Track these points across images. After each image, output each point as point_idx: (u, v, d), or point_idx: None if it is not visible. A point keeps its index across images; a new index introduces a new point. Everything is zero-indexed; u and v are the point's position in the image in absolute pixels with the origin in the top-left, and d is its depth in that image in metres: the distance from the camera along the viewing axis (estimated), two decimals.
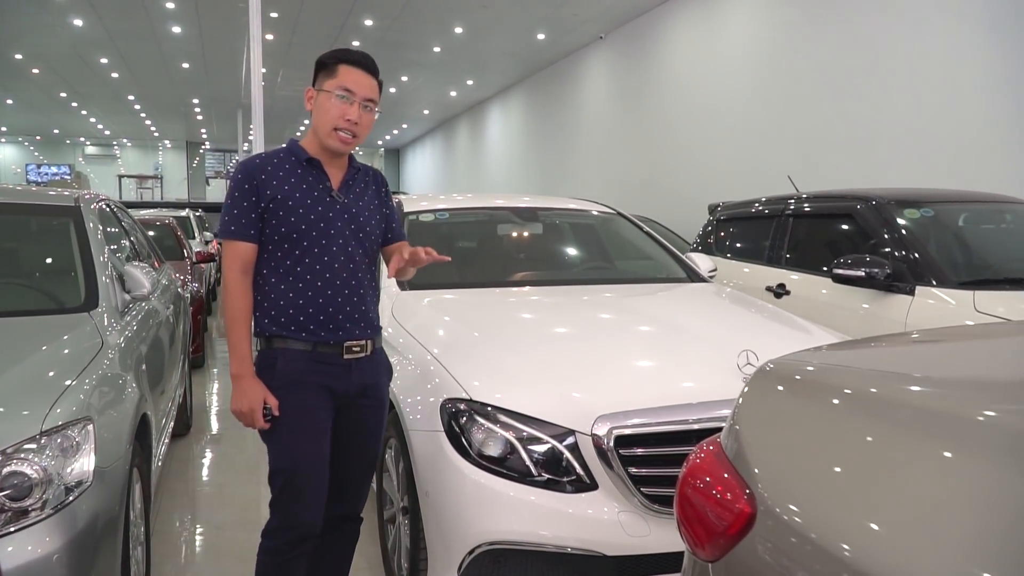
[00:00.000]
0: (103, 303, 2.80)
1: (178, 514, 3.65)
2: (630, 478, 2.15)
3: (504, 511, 2.18)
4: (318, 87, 2.15)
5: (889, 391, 1.04)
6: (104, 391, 2.30)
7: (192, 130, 26.62)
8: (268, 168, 2.11)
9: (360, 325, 2.16)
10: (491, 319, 3.05)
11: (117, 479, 2.14)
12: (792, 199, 5.05)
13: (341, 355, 2.13)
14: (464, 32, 12.91)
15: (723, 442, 1.14)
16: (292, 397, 2.09)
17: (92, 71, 16.44)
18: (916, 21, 6.97)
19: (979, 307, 3.51)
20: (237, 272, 2.09)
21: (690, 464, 1.16)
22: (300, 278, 2.10)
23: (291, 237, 2.09)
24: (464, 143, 22.76)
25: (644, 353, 2.60)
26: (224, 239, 2.11)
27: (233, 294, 2.09)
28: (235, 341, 2.09)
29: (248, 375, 2.08)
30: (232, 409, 2.10)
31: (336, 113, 2.09)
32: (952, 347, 1.26)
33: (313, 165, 2.14)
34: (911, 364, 1.18)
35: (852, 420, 1.01)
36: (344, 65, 2.12)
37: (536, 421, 2.24)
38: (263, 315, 2.13)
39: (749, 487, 1.02)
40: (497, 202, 4.28)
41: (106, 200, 4.01)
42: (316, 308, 2.10)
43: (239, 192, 2.10)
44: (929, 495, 0.84)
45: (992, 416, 0.87)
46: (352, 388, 2.17)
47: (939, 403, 0.96)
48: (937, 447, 0.88)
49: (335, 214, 2.13)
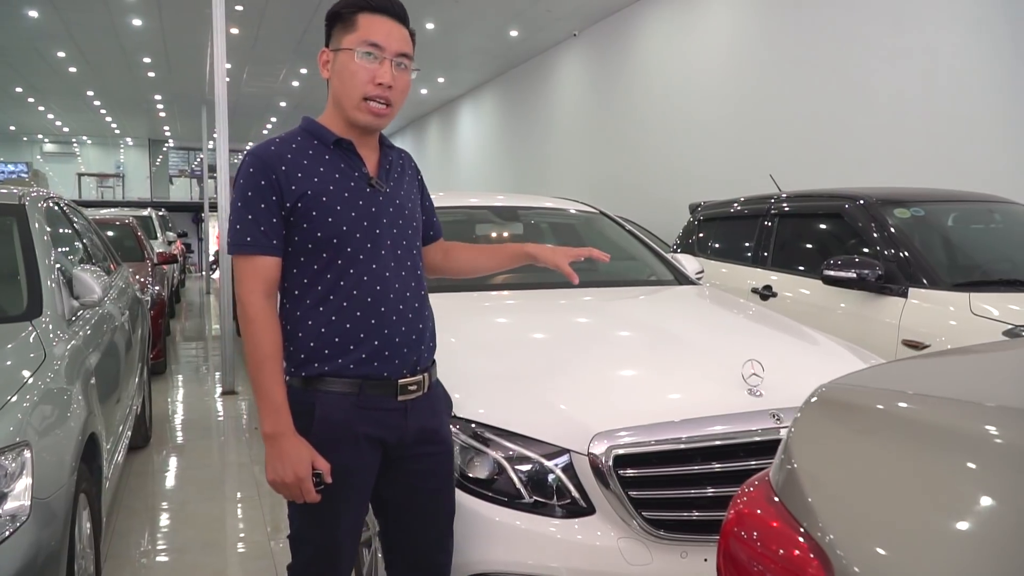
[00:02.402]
0: (48, 311, 2.56)
1: (135, 536, 3.40)
2: (630, 501, 1.97)
3: (492, 539, 1.99)
4: (334, 46, 1.68)
5: (973, 424, 0.87)
6: (45, 410, 2.07)
7: (155, 127, 25.97)
8: (288, 156, 1.64)
9: (419, 349, 1.74)
10: (471, 326, 2.86)
11: (59, 509, 1.91)
12: (777, 198, 4.92)
13: (395, 396, 1.69)
14: (435, 28, 12.66)
15: (774, 482, 0.96)
16: (335, 455, 1.64)
17: (49, 65, 15.89)
18: (894, 18, 6.90)
19: (975, 309, 3.40)
20: (260, 296, 1.62)
21: (735, 511, 0.98)
22: (344, 296, 1.64)
23: (330, 244, 1.64)
24: (435, 142, 22.50)
25: (641, 364, 2.42)
26: (238, 255, 1.63)
27: (258, 326, 1.60)
28: (266, 387, 1.60)
29: (288, 432, 1.60)
30: (269, 480, 1.62)
31: (364, 77, 1.63)
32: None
33: (343, 147, 1.69)
34: (986, 388, 1.01)
35: (938, 459, 0.84)
36: (366, 14, 1.66)
37: (527, 439, 2.05)
38: (298, 350, 1.66)
39: (816, 541, 0.85)
40: (476, 201, 4.09)
41: (56, 199, 3.75)
42: (368, 332, 1.65)
43: (253, 191, 1.62)
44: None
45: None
46: (408, 437, 1.73)
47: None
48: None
49: (379, 208, 1.69)
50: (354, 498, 1.71)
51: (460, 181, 19.72)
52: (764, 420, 2.07)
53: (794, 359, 2.53)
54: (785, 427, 2.05)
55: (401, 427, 1.71)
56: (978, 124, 6.19)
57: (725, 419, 2.06)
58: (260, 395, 1.62)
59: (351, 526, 1.74)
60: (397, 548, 1.86)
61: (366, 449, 1.69)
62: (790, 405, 2.11)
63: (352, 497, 1.70)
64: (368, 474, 1.72)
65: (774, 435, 2.05)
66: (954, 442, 0.86)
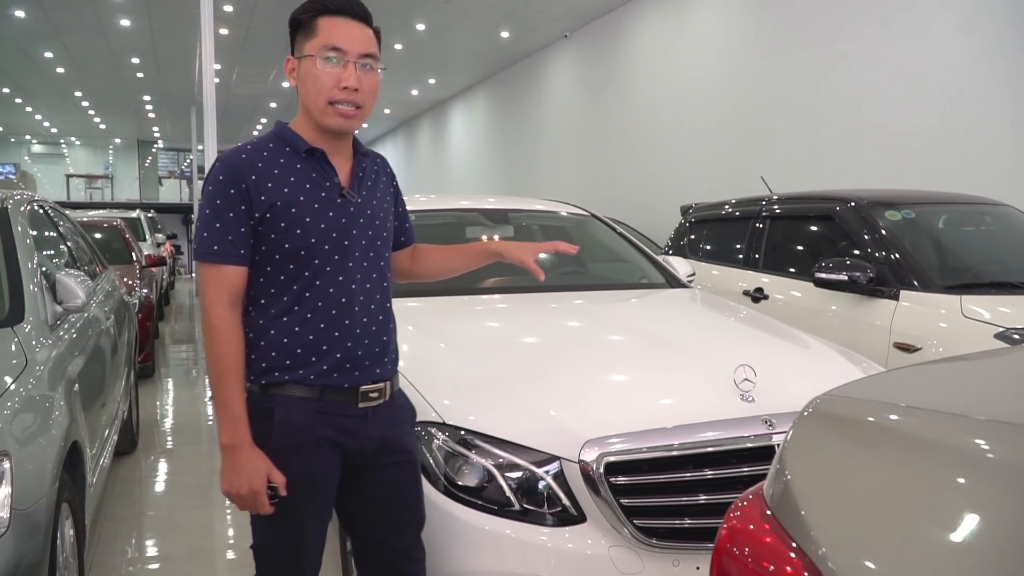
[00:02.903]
0: (30, 316, 2.51)
1: (121, 544, 3.36)
2: (621, 509, 1.95)
3: (482, 548, 1.97)
4: (298, 53, 1.66)
5: (963, 438, 0.86)
6: (26, 418, 2.03)
7: (144, 128, 25.84)
8: (259, 165, 1.62)
9: (382, 361, 1.72)
10: (460, 330, 2.84)
11: (40, 521, 1.87)
12: (768, 200, 4.91)
13: (355, 403, 1.68)
14: (426, 29, 12.63)
15: (768, 495, 0.94)
16: (295, 460, 1.63)
17: (36, 66, 15.79)
18: (884, 21, 6.92)
19: (966, 312, 3.40)
20: (224, 306, 1.60)
21: (728, 527, 0.95)
22: (309, 307, 1.63)
23: (297, 256, 1.62)
24: (426, 143, 22.46)
25: (632, 369, 2.40)
26: (204, 262, 1.60)
27: (221, 335, 1.59)
28: (225, 399, 1.59)
29: (245, 444, 1.58)
30: (224, 490, 1.61)
31: (328, 82, 1.61)
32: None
33: (315, 156, 1.66)
34: (980, 400, 0.99)
35: (929, 473, 0.83)
36: (325, 17, 1.63)
37: (516, 447, 2.02)
38: (259, 358, 1.64)
39: (808, 556, 0.82)
40: (466, 204, 4.06)
41: (40, 201, 3.70)
42: (331, 344, 1.64)
43: (222, 199, 1.59)
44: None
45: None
46: (369, 445, 1.71)
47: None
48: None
49: (349, 219, 1.67)
50: (317, 504, 1.70)
51: (451, 182, 19.69)
52: (756, 426, 2.05)
53: (786, 364, 2.51)
54: (777, 433, 2.04)
55: (361, 434, 1.70)
56: (967, 127, 6.20)
57: (717, 425, 2.04)
58: (219, 406, 1.61)
59: (315, 533, 1.73)
60: (367, 560, 1.85)
61: (327, 454, 1.67)
62: (782, 411, 2.10)
63: (315, 503, 1.69)
64: (330, 479, 1.71)
65: (766, 441, 2.03)
66: (945, 456, 0.85)
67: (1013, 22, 5.91)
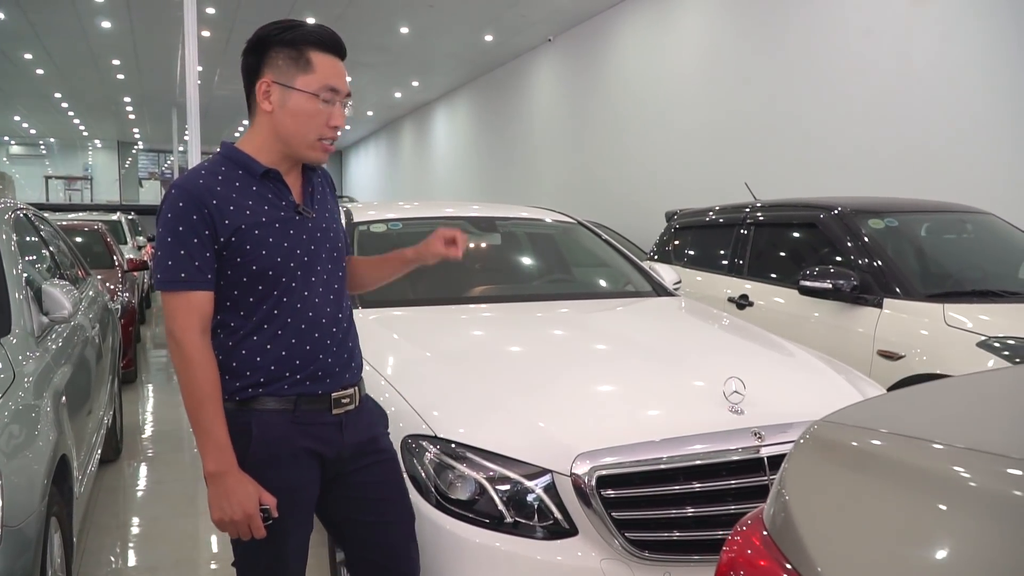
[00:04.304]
0: (16, 328, 2.49)
1: (105, 554, 3.33)
2: (613, 522, 1.96)
3: (474, 561, 1.97)
4: (285, 81, 1.64)
5: (947, 467, 0.89)
6: (15, 434, 2.01)
7: (124, 130, 25.60)
8: (218, 189, 1.61)
9: (350, 366, 1.77)
10: (448, 340, 2.84)
11: (30, 537, 1.86)
12: (753, 207, 4.96)
13: (329, 410, 1.71)
14: (410, 32, 12.62)
15: (767, 519, 0.96)
16: (275, 474, 1.64)
17: (15, 67, 15.61)
18: (868, 25, 7.00)
19: (949, 321, 3.45)
20: (196, 333, 1.59)
21: (727, 555, 0.97)
22: (279, 324, 1.65)
23: (265, 276, 1.63)
24: (409, 145, 22.42)
25: (621, 381, 2.41)
26: (171, 291, 1.59)
27: (197, 364, 1.58)
28: (206, 427, 1.58)
29: (232, 470, 1.58)
30: (215, 519, 1.59)
31: (321, 120, 1.64)
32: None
33: (270, 178, 1.67)
34: (972, 427, 1.02)
35: (919, 500, 0.85)
36: (319, 53, 1.65)
37: (508, 460, 2.03)
38: (233, 378, 1.65)
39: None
40: (451, 211, 4.05)
41: (23, 209, 3.66)
42: (303, 358, 1.67)
43: (184, 225, 1.58)
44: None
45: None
46: (346, 451, 1.75)
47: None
48: None
49: (309, 235, 1.70)
50: (298, 516, 1.71)
51: (434, 185, 19.67)
52: (746, 438, 2.07)
53: (774, 376, 2.54)
54: (766, 445, 2.06)
55: (337, 441, 1.73)
56: (953, 131, 6.28)
57: (707, 438, 2.06)
58: (201, 434, 1.59)
59: (297, 545, 1.74)
60: (361, 564, 1.86)
61: (306, 465, 1.70)
62: (771, 423, 2.12)
63: (296, 515, 1.70)
64: (310, 490, 1.73)
65: (756, 454, 2.05)
66: (929, 484, 0.89)
67: (995, 31, 6.00)
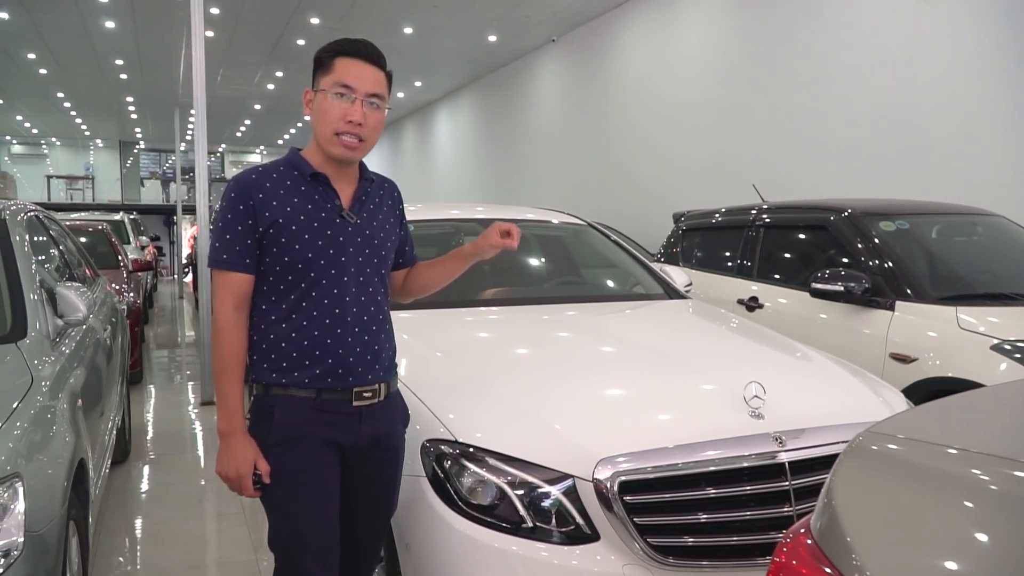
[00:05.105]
0: (32, 332, 2.48)
1: (116, 557, 3.33)
2: (635, 527, 1.96)
3: (497, 567, 1.97)
4: (315, 87, 1.86)
5: (983, 474, 0.89)
6: (35, 439, 2.00)
7: (126, 129, 25.56)
8: (266, 185, 1.82)
9: (374, 368, 1.87)
10: (463, 343, 2.84)
11: (52, 542, 1.86)
12: (761, 209, 4.95)
13: (350, 402, 1.84)
14: (414, 32, 12.61)
15: (813, 528, 0.96)
16: (293, 454, 1.80)
17: (18, 67, 15.58)
18: (874, 27, 6.99)
19: (961, 324, 3.44)
20: (229, 308, 1.80)
21: (776, 559, 0.97)
22: (305, 315, 1.81)
23: (295, 268, 1.80)
24: (411, 145, 22.42)
25: (640, 385, 2.40)
26: (215, 269, 1.83)
27: (225, 335, 1.80)
28: (224, 391, 1.80)
29: (238, 432, 1.79)
30: (217, 471, 1.82)
31: (336, 115, 1.80)
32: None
33: (319, 180, 1.85)
34: (1009, 437, 1.02)
35: (956, 507, 0.86)
36: (342, 58, 1.83)
37: (529, 465, 2.03)
38: (261, 359, 1.83)
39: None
40: (456, 213, 4.05)
41: (35, 210, 3.66)
42: (324, 350, 1.81)
43: (232, 214, 1.80)
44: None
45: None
46: (362, 441, 1.87)
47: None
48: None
49: (347, 238, 1.84)
50: (315, 493, 1.83)
51: (436, 184, 19.66)
52: (767, 443, 2.06)
53: (792, 380, 2.53)
54: (787, 450, 2.06)
55: (355, 431, 1.86)
56: (962, 133, 6.28)
57: (728, 443, 2.05)
58: (219, 397, 1.82)
59: (313, 522, 1.83)
60: (343, 539, 1.94)
61: (323, 449, 1.83)
62: (792, 427, 2.12)
63: (313, 492, 1.82)
64: (328, 472, 1.85)
65: (776, 459, 2.05)
66: (980, 493, 0.89)
67: (1003, 31, 5.99)
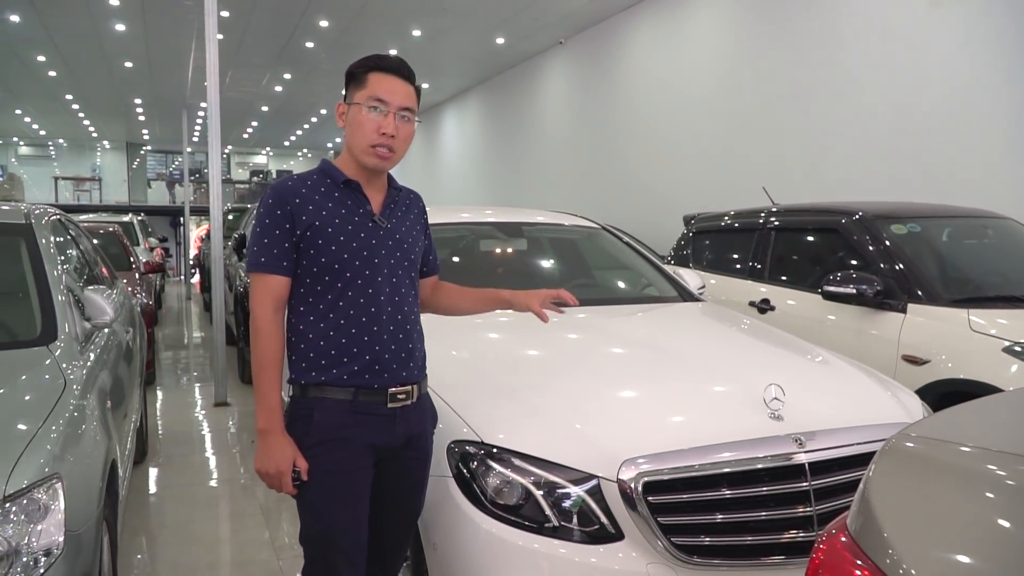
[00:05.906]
0: (62, 334, 2.53)
1: (140, 557, 3.37)
2: (660, 527, 1.99)
3: (524, 566, 2.00)
4: (349, 100, 1.96)
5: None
6: (71, 440, 2.05)
7: (133, 130, 25.65)
8: (302, 191, 1.91)
9: (408, 366, 1.95)
10: (482, 345, 2.87)
11: (89, 541, 1.91)
12: (772, 212, 4.98)
13: (385, 403, 1.91)
14: (422, 35, 12.66)
15: (852, 527, 0.99)
16: (329, 456, 1.87)
17: (28, 69, 15.67)
18: (883, 30, 7.01)
19: (974, 326, 3.47)
20: (268, 309, 1.88)
21: (814, 557, 1.01)
22: (342, 314, 1.89)
23: (332, 269, 1.89)
24: (418, 146, 22.47)
25: (657, 386, 2.44)
26: (253, 272, 1.91)
27: (263, 335, 1.87)
28: (264, 390, 1.87)
29: (277, 431, 1.86)
30: (256, 468, 1.88)
31: (370, 127, 1.90)
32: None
33: (351, 187, 1.95)
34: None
35: (989, 505, 0.89)
36: (375, 73, 1.93)
37: (554, 465, 2.07)
38: (299, 359, 1.91)
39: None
40: (467, 216, 4.08)
41: (57, 214, 3.71)
42: (361, 348, 1.88)
43: (270, 219, 1.89)
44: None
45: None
46: (396, 441, 1.94)
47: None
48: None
49: (379, 241, 1.94)
50: (346, 496, 1.89)
51: (443, 186, 19.70)
52: (787, 444, 2.10)
53: (810, 381, 2.57)
54: (807, 452, 2.10)
55: (390, 432, 1.93)
56: (971, 135, 6.30)
57: (748, 444, 2.09)
58: (258, 396, 1.88)
59: (346, 523, 1.90)
60: (371, 535, 2.00)
61: (359, 452, 1.90)
62: (811, 429, 2.16)
63: (346, 492, 1.89)
64: (362, 474, 1.91)
65: (796, 460, 2.09)
66: (1001, 489, 0.93)
67: (1013, 33, 6.01)
